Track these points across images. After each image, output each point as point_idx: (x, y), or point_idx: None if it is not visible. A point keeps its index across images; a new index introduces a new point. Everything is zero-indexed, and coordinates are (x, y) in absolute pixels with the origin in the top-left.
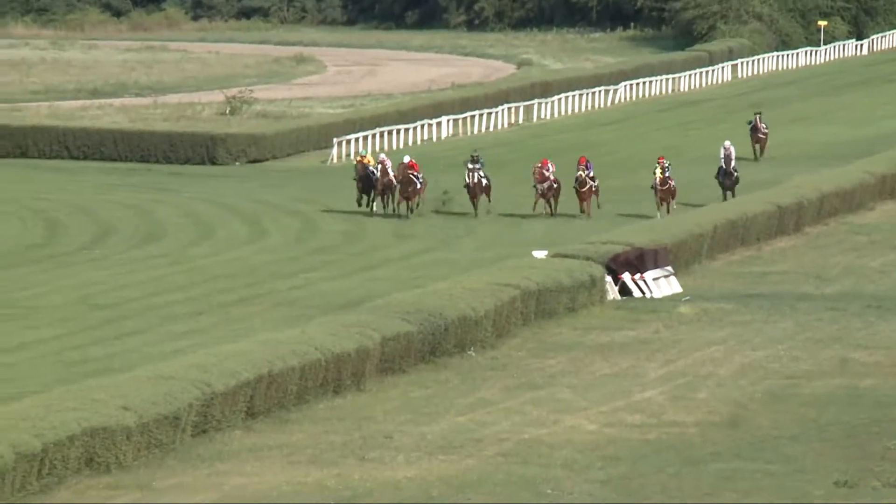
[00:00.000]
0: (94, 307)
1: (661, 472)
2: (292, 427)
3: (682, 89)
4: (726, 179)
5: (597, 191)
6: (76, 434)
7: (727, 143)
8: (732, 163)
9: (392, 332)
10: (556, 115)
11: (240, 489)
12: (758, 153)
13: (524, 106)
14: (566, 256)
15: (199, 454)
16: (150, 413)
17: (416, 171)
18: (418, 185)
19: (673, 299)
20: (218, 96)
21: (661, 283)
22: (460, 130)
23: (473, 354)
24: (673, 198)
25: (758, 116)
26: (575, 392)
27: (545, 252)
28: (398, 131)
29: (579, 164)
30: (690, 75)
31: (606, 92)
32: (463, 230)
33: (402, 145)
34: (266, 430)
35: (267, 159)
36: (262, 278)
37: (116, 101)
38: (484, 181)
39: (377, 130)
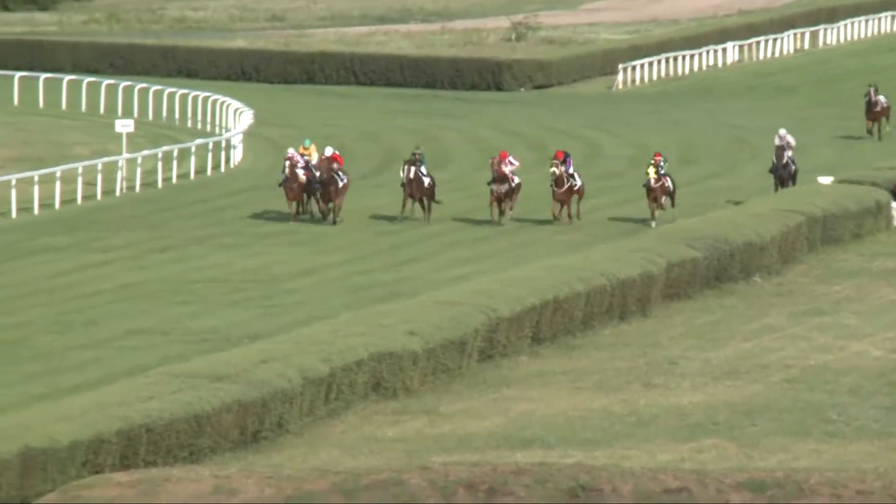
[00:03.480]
0: (380, 233)
1: None
2: (578, 353)
3: None
4: (782, 171)
5: (581, 191)
6: (363, 359)
7: (782, 131)
8: (788, 153)
9: (677, 258)
10: (841, 40)
11: (526, 414)
12: (877, 131)
13: (810, 31)
14: (851, 182)
15: (485, 379)
16: (436, 338)
17: (339, 165)
18: (340, 185)
19: None
20: (503, 22)
21: None
22: (745, 56)
23: (759, 280)
24: (672, 199)
25: (873, 89)
26: (861, 318)
27: (830, 178)
28: (683, 57)
29: (555, 159)
30: None
31: (893, 18)
32: (748, 154)
33: (686, 71)
34: (551, 356)
35: (552, 85)
36: (546, 204)
37: (402, 28)
38: (426, 179)
39: (662, 56)
